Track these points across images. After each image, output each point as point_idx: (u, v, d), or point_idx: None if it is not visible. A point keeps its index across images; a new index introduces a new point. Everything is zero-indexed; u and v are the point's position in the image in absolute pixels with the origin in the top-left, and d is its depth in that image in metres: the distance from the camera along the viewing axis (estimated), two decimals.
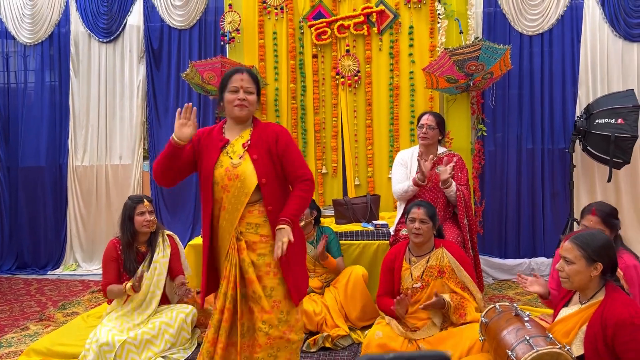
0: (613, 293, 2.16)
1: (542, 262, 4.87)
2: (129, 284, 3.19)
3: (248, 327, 2.39)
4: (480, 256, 4.31)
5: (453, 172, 3.63)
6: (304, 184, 2.41)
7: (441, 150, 3.92)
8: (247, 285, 2.36)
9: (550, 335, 2.20)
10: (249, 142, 2.41)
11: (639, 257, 2.71)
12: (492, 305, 2.47)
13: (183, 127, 2.32)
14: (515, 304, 2.41)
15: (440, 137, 3.88)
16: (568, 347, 2.16)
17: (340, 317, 3.49)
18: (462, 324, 2.93)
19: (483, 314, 2.48)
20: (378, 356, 0.72)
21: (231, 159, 2.38)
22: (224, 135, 2.46)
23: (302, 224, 3.47)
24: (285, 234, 2.26)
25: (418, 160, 3.67)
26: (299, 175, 2.41)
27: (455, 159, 3.78)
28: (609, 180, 4.49)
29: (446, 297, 2.92)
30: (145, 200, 3.38)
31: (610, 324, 2.07)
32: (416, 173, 3.72)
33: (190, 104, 2.38)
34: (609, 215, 2.73)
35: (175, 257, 3.48)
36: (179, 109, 2.36)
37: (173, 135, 2.33)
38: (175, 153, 2.36)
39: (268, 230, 2.41)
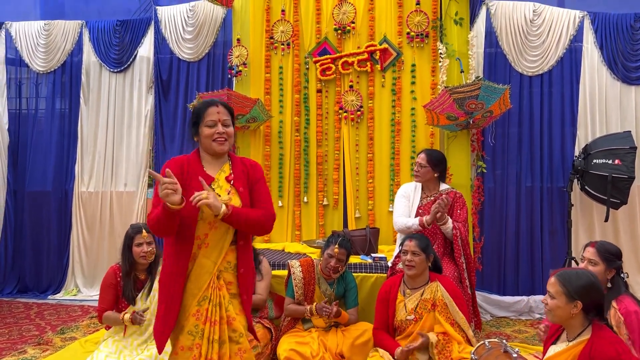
0: (599, 332, 2.19)
1: (540, 300, 4.85)
2: (127, 315, 3.20)
3: None
4: (478, 292, 4.31)
5: (446, 209, 3.62)
6: (267, 211, 2.38)
7: (443, 187, 3.96)
8: (229, 324, 2.28)
9: None
10: (232, 175, 2.37)
11: None
12: (482, 342, 2.50)
13: (171, 196, 2.09)
14: (504, 340, 2.44)
15: (436, 175, 3.91)
16: None
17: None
18: None
19: (473, 350, 2.50)
20: None
21: (219, 195, 2.29)
22: (205, 171, 2.35)
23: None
24: (214, 199, 2.16)
25: (433, 209, 3.59)
26: (264, 207, 2.38)
27: (457, 195, 3.80)
28: (606, 220, 4.52)
29: (432, 336, 2.92)
30: (143, 230, 3.31)
31: None
32: (420, 215, 3.76)
33: (169, 171, 2.14)
34: (608, 251, 2.73)
35: None
36: (162, 181, 2.10)
37: (165, 203, 2.10)
38: (173, 215, 2.15)
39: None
